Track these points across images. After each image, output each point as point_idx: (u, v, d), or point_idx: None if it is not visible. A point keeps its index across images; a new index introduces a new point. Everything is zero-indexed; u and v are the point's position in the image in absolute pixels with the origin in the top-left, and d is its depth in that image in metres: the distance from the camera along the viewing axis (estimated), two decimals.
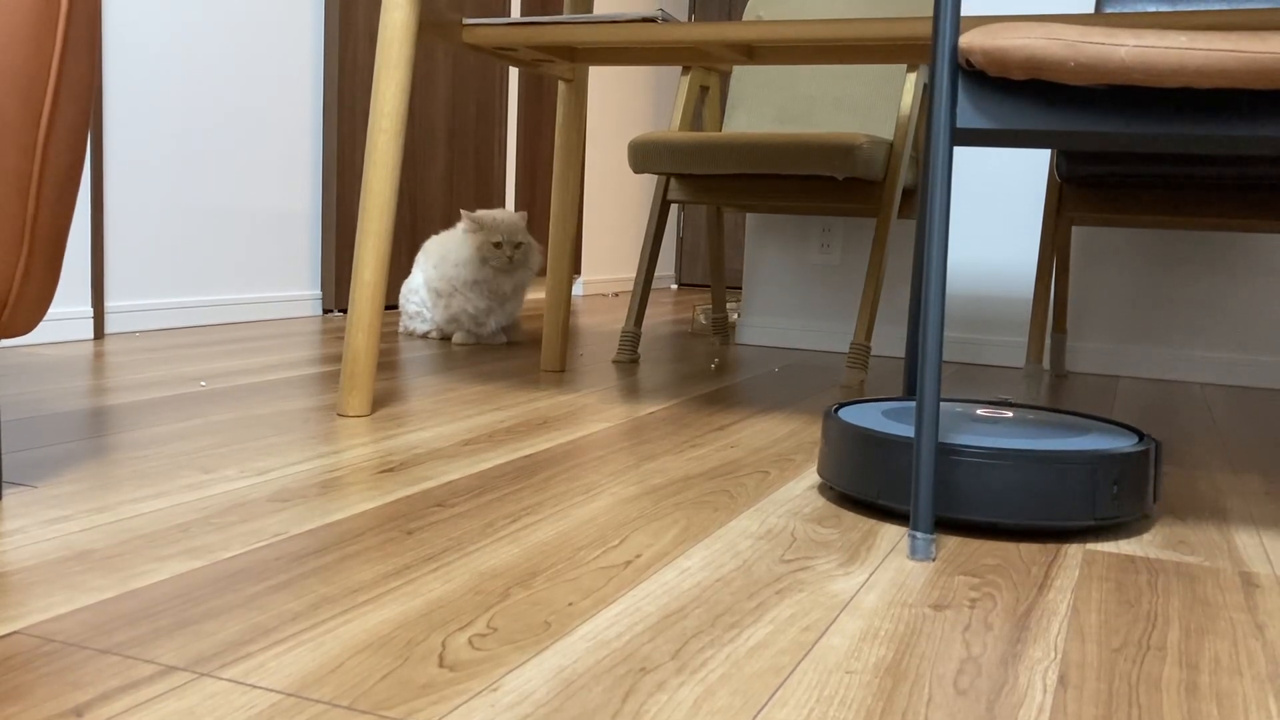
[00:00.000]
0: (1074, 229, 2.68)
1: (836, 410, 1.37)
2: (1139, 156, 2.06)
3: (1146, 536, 1.20)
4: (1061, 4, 2.65)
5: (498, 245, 2.59)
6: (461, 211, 2.64)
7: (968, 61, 1.11)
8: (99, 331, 2.50)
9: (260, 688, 0.72)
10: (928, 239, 1.11)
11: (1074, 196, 2.23)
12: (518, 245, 2.62)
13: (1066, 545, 1.15)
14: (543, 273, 4.98)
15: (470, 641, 0.81)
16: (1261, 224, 2.17)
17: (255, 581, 0.92)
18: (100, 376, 1.95)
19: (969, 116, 1.12)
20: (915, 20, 1.62)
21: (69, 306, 2.43)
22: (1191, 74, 1.04)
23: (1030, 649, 0.85)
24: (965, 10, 2.73)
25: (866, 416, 1.35)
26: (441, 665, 0.77)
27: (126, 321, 2.63)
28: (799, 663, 0.80)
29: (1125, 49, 1.05)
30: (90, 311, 2.47)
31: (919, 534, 1.08)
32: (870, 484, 1.22)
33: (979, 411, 1.41)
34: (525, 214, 2.68)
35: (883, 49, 1.80)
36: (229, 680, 0.73)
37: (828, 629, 0.87)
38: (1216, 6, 2.24)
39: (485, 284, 2.63)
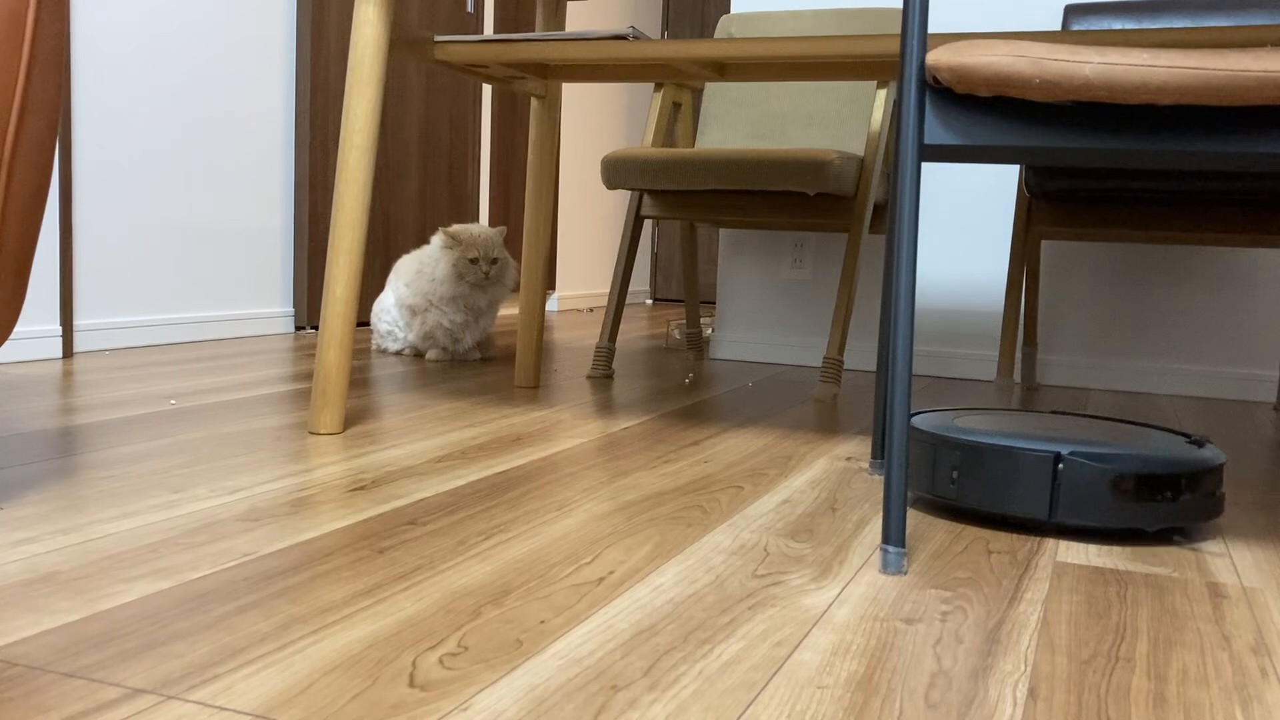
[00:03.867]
0: (1043, 243, 2.71)
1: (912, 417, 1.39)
2: (1106, 172, 2.08)
3: (1116, 548, 1.21)
4: (1028, 22, 2.68)
5: (474, 261, 2.59)
6: (440, 228, 2.64)
7: (935, 78, 1.12)
8: (68, 350, 2.48)
9: (229, 709, 0.71)
10: (897, 253, 1.12)
11: (1043, 211, 2.25)
12: (494, 261, 2.62)
13: (1037, 557, 1.15)
14: (517, 289, 4.98)
15: (441, 661, 0.81)
16: (1227, 238, 2.20)
17: (224, 602, 0.91)
18: (69, 395, 1.93)
19: (936, 133, 1.13)
20: (884, 37, 1.64)
21: (37, 325, 2.41)
22: (1154, 91, 1.06)
23: (1001, 662, 0.85)
24: (932, 28, 2.76)
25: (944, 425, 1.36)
26: (412, 685, 0.76)
27: (96, 340, 2.60)
28: (771, 678, 0.80)
29: (1089, 66, 1.06)
30: (59, 330, 2.45)
31: (891, 548, 1.08)
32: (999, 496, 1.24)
33: (1048, 419, 1.42)
34: (503, 229, 2.68)
35: (852, 66, 1.82)
36: (196, 702, 0.72)
37: (800, 644, 0.87)
38: (1181, 24, 2.27)
39: (462, 299, 2.63)
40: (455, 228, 2.62)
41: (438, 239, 2.67)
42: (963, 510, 1.33)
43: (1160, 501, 1.21)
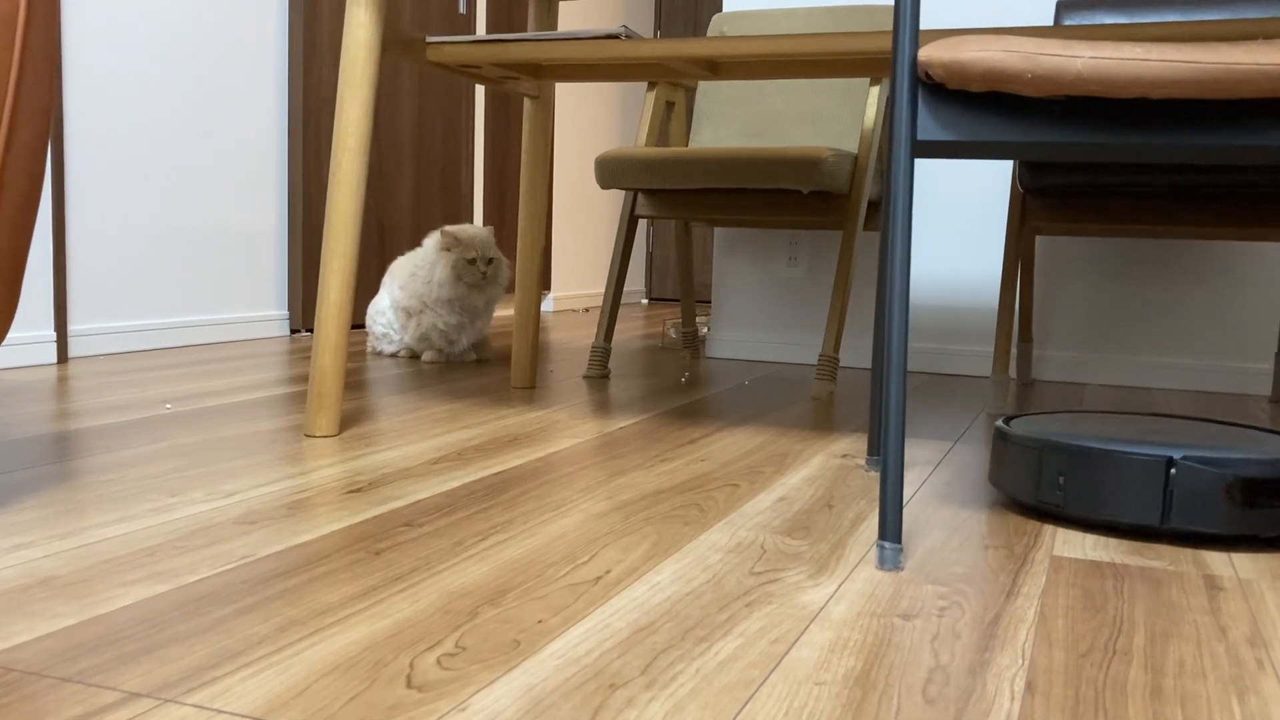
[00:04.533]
0: (1038, 239, 2.71)
1: (1007, 422, 1.37)
2: (1099, 166, 2.08)
3: (1113, 542, 1.21)
4: (1020, 18, 2.69)
5: (472, 261, 2.59)
6: (441, 229, 2.63)
7: (927, 74, 1.12)
8: (62, 355, 2.47)
9: (226, 712, 0.71)
10: (890, 249, 1.12)
11: (1036, 206, 2.25)
12: (490, 260, 2.62)
13: (1034, 552, 1.16)
14: (512, 289, 4.98)
15: (439, 661, 0.81)
16: (1221, 231, 2.20)
17: (221, 605, 0.91)
18: (64, 401, 1.93)
19: (929, 129, 1.13)
20: (876, 34, 1.64)
21: (31, 331, 2.41)
22: (1146, 85, 1.06)
23: (998, 656, 0.85)
24: (925, 24, 2.76)
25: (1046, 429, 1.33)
26: (409, 686, 0.76)
27: (91, 345, 2.60)
28: (768, 675, 0.80)
29: (1081, 61, 1.07)
30: (53, 335, 2.45)
31: (887, 544, 1.08)
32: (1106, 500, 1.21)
33: (1148, 423, 1.39)
34: (493, 228, 2.68)
35: (845, 63, 1.82)
36: (194, 705, 0.72)
37: (797, 641, 0.87)
38: (1172, 18, 2.27)
39: (459, 301, 2.62)
40: (453, 228, 2.62)
41: (433, 240, 2.66)
42: (1068, 518, 1.28)
43: (1277, 507, 1.16)
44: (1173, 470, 1.17)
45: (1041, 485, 1.26)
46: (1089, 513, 1.23)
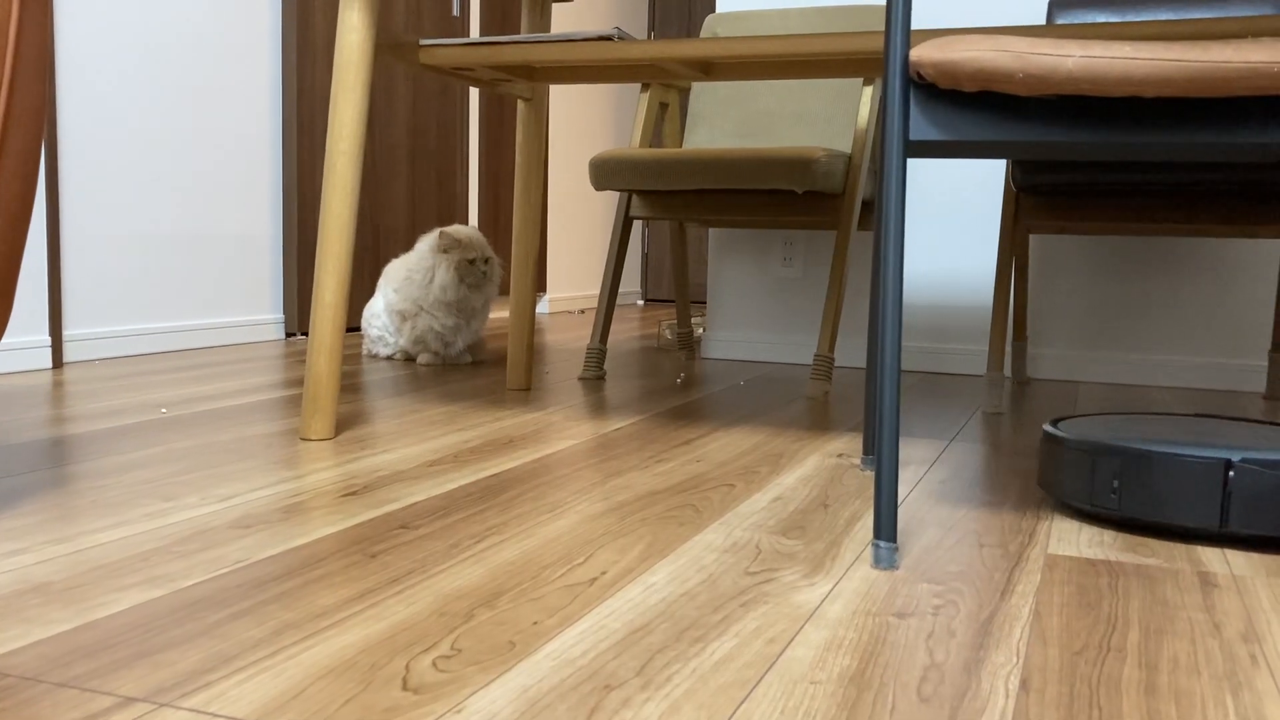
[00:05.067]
0: (1031, 237, 2.72)
1: (1055, 424, 1.35)
2: (1092, 165, 2.09)
3: (1108, 539, 1.21)
4: (1013, 17, 2.69)
5: (473, 261, 2.60)
6: (439, 231, 2.63)
7: (919, 74, 1.12)
8: (58, 360, 2.47)
9: (222, 716, 0.71)
10: (884, 249, 1.12)
11: (1030, 205, 2.26)
12: (487, 260, 2.64)
13: (1029, 550, 1.16)
14: (506, 291, 4.98)
15: (434, 664, 0.81)
16: (1214, 228, 2.21)
17: (217, 609, 0.91)
18: (59, 406, 1.92)
19: (921, 129, 1.14)
20: (868, 34, 1.64)
21: (26, 335, 2.40)
22: (1137, 83, 1.06)
23: (993, 654, 0.86)
24: (917, 24, 2.76)
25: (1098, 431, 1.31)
26: (405, 688, 0.76)
27: (86, 349, 2.60)
28: (764, 675, 0.80)
29: (1072, 60, 1.07)
30: (48, 340, 2.44)
31: (882, 543, 1.09)
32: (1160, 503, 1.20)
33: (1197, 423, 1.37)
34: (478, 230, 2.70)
35: (837, 63, 1.82)
36: (190, 710, 0.72)
37: (792, 640, 0.87)
38: (1164, 16, 2.28)
39: (460, 302, 2.62)
40: (451, 229, 2.62)
41: (427, 243, 2.66)
42: (1124, 521, 1.26)
43: None
44: (1231, 472, 1.16)
45: (1095, 489, 1.24)
46: (1145, 516, 1.21)
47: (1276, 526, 1.16)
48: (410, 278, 2.66)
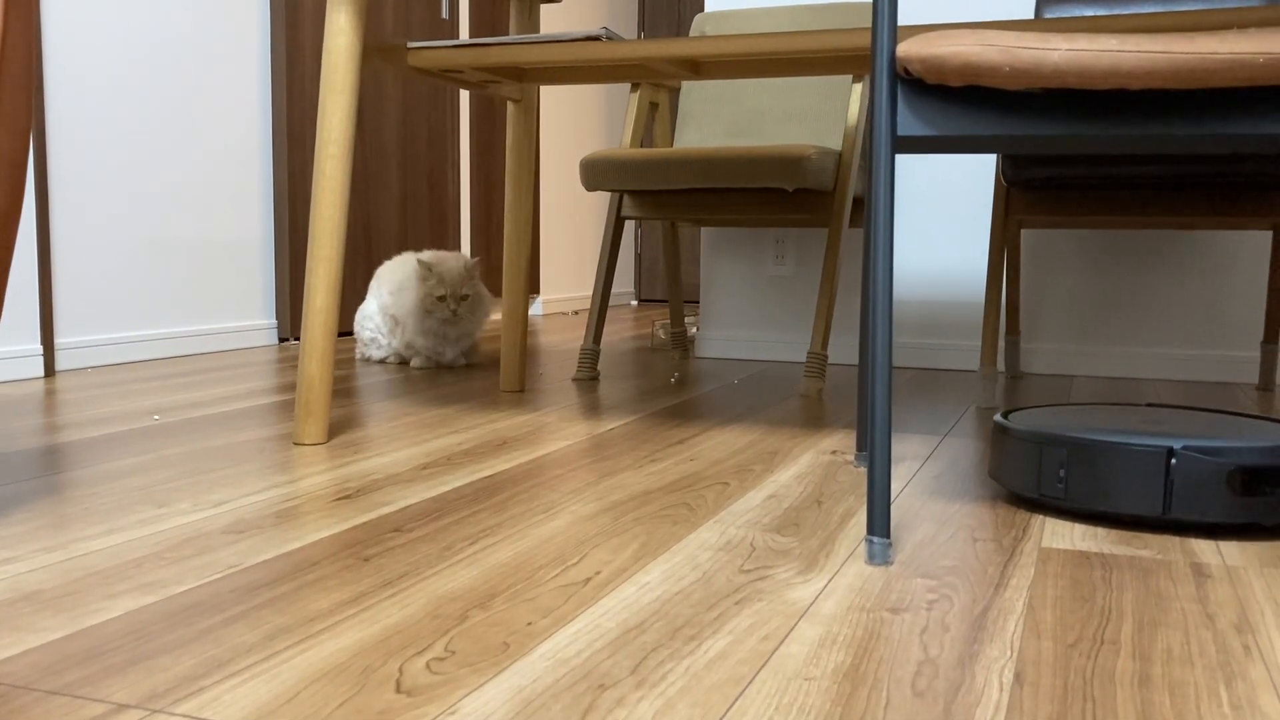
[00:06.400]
0: (1023, 232, 2.72)
1: (1006, 416, 1.37)
2: (1081, 159, 2.09)
3: (1101, 532, 1.21)
4: (1001, 10, 2.69)
5: (441, 299, 2.53)
6: (418, 258, 2.58)
7: (906, 70, 1.12)
8: (49, 369, 2.47)
9: None
10: (873, 246, 1.12)
11: (1020, 200, 2.26)
12: (463, 298, 2.55)
13: (1022, 544, 1.16)
14: (499, 293, 4.97)
15: (428, 666, 0.81)
16: (1204, 221, 2.21)
17: (209, 615, 0.91)
18: (51, 414, 1.92)
19: (909, 124, 1.14)
20: (855, 31, 1.64)
21: (17, 344, 2.40)
22: (1124, 76, 1.06)
23: (987, 648, 0.86)
24: (903, 20, 2.76)
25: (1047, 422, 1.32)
26: (399, 691, 0.76)
27: (78, 358, 2.59)
28: (758, 672, 0.80)
29: (1058, 53, 1.07)
30: (40, 349, 2.44)
31: (876, 539, 1.09)
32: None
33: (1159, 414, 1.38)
34: (478, 259, 2.62)
35: (826, 61, 1.82)
36: (183, 715, 0.72)
37: (786, 637, 0.87)
38: (1150, 9, 2.28)
39: (430, 332, 2.60)
40: (430, 257, 2.56)
41: (413, 264, 2.63)
42: (1071, 510, 1.27)
43: (1278, 495, 1.16)
44: (1173, 460, 1.17)
45: (1042, 478, 1.26)
46: (1091, 505, 1.22)
47: (1216, 512, 1.17)
48: (402, 288, 2.64)
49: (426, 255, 2.58)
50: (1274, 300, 2.41)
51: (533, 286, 4.77)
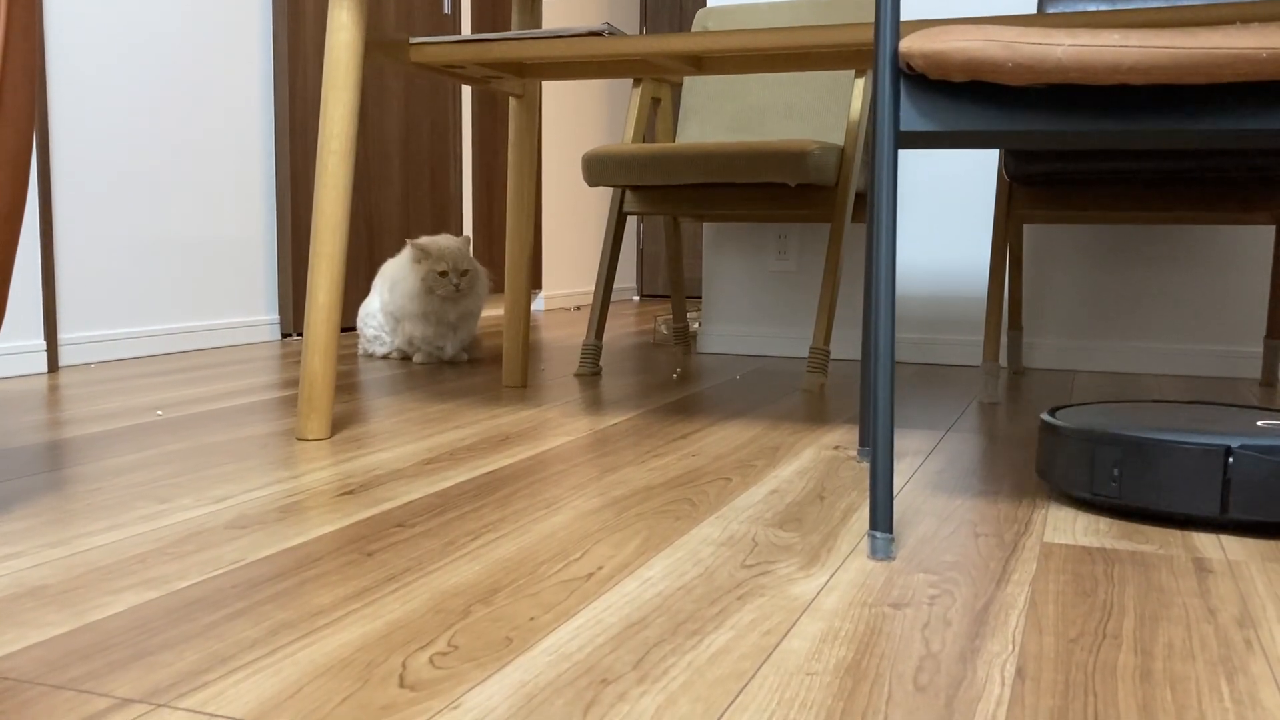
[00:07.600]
0: (1026, 227, 2.72)
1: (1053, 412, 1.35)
2: (1084, 154, 2.09)
3: (1103, 527, 1.21)
4: (1005, 5, 2.69)
5: (443, 274, 2.55)
6: (407, 240, 2.61)
7: (909, 65, 1.12)
8: (53, 364, 2.47)
9: (219, 716, 0.71)
10: (876, 241, 1.12)
11: (1023, 195, 2.26)
12: (464, 273, 2.57)
13: (1024, 539, 1.16)
14: (501, 289, 4.98)
15: (431, 660, 0.81)
16: (1207, 216, 2.21)
17: (213, 610, 0.91)
18: (54, 410, 1.92)
19: (912, 119, 1.13)
20: (857, 26, 1.64)
21: (21, 340, 2.40)
22: (1127, 71, 1.06)
23: (989, 643, 0.86)
24: (906, 15, 2.76)
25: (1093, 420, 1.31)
26: (402, 685, 0.76)
27: (81, 353, 2.59)
28: (760, 667, 0.80)
29: (1061, 49, 1.07)
30: (43, 345, 2.44)
31: (878, 534, 1.09)
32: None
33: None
34: (469, 238, 2.64)
35: (828, 56, 1.82)
36: (186, 710, 0.72)
37: (789, 632, 0.87)
38: (1153, 4, 2.28)
39: (432, 314, 2.60)
40: (423, 240, 2.58)
41: (406, 252, 2.64)
42: (1126, 510, 1.25)
43: None
44: (1230, 459, 1.16)
45: (1095, 478, 1.24)
46: (1146, 504, 1.21)
47: (1276, 512, 1.16)
48: (396, 283, 2.65)
49: (420, 240, 2.59)
50: (1277, 295, 2.41)
51: (535, 282, 4.78)
